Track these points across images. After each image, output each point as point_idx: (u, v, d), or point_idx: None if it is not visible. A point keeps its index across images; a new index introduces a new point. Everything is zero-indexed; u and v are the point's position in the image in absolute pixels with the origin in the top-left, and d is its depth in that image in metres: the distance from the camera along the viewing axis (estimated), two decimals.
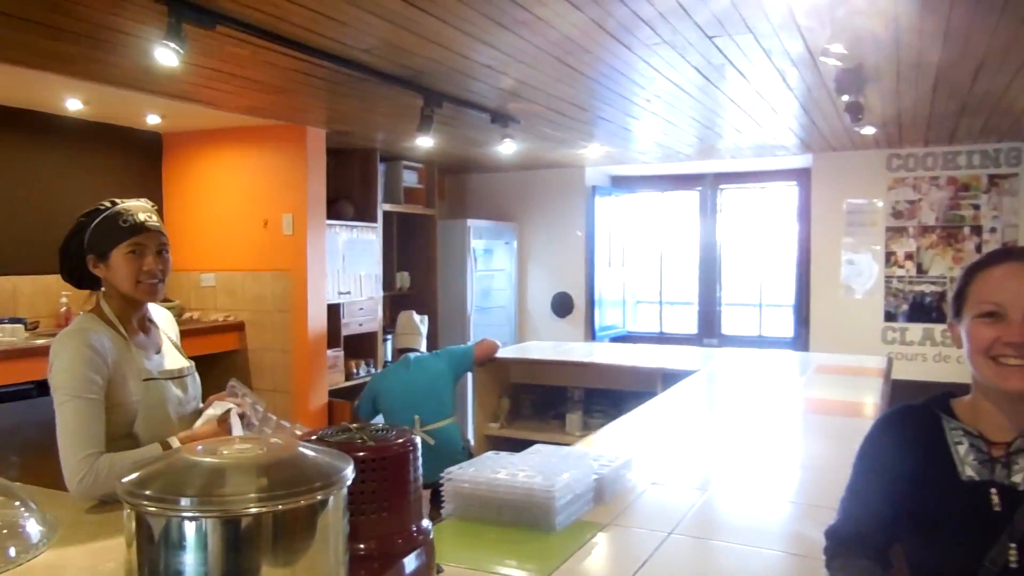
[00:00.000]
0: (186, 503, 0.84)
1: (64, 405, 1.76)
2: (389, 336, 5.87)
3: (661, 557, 1.57)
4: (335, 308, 5.36)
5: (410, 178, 6.40)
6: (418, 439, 1.24)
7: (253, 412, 1.93)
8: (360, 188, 5.88)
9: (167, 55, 2.68)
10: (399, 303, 6.18)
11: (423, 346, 4.73)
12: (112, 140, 4.93)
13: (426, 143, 4.50)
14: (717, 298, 7.40)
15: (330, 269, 5.28)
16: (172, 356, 2.04)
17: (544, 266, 7.39)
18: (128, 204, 1.90)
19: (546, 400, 5.03)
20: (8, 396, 3.75)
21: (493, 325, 6.98)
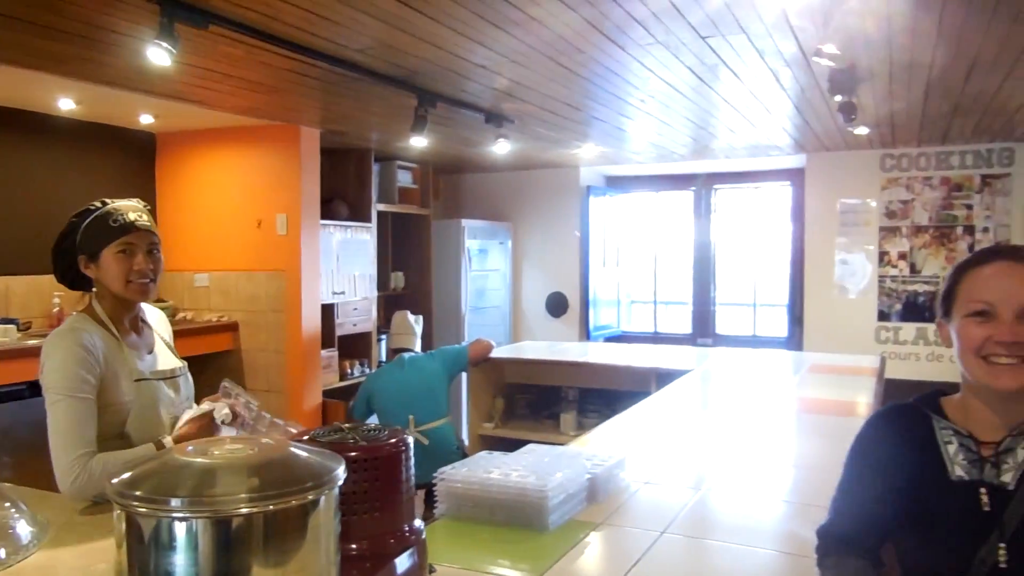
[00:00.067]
0: (176, 503, 0.84)
1: (56, 405, 1.75)
2: (383, 336, 5.87)
3: (654, 556, 1.57)
4: (329, 308, 5.36)
5: (404, 178, 6.40)
6: (410, 439, 1.23)
7: (247, 411, 1.92)
8: (354, 188, 5.88)
9: (160, 55, 2.67)
10: (393, 303, 6.17)
11: (418, 346, 4.72)
12: (105, 140, 4.92)
13: (420, 143, 4.49)
14: (711, 298, 7.41)
15: (324, 269, 5.27)
16: (165, 356, 2.03)
17: (539, 266, 7.39)
18: (118, 204, 1.89)
19: (540, 400, 5.03)
20: (0, 397, 3.74)
21: (488, 325, 6.98)
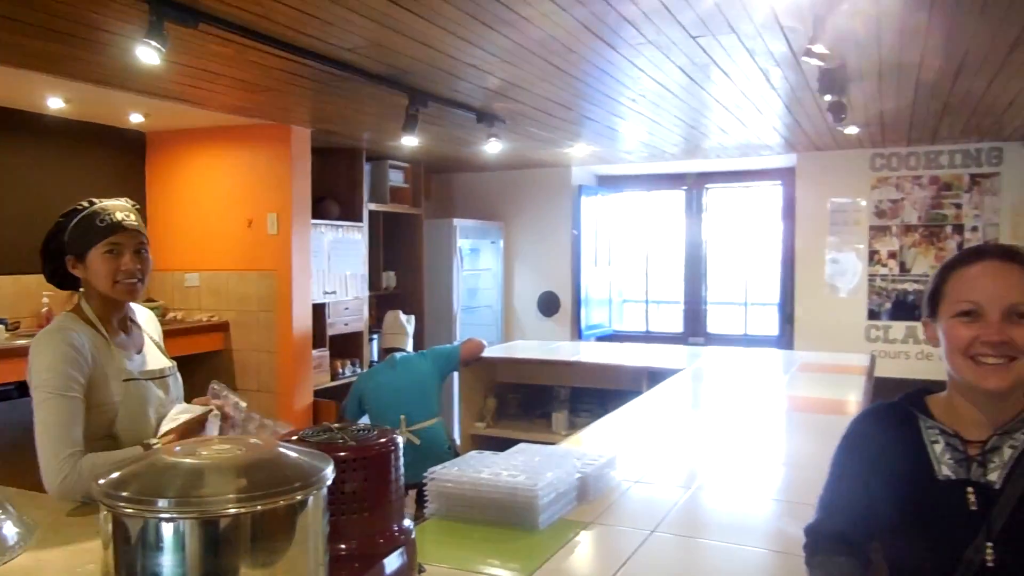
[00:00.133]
0: (164, 504, 0.84)
1: (44, 404, 1.73)
2: (375, 336, 5.85)
3: (643, 555, 1.57)
4: (320, 308, 5.35)
5: (396, 177, 6.39)
6: (400, 439, 1.23)
7: (236, 411, 1.92)
8: (346, 187, 5.86)
9: (149, 54, 2.66)
10: (385, 303, 6.16)
11: (409, 346, 4.71)
12: (95, 139, 4.89)
13: (411, 142, 4.48)
14: (703, 297, 7.43)
15: (315, 269, 5.26)
16: (154, 356, 2.02)
17: (530, 265, 7.39)
18: (106, 203, 1.88)
19: (532, 399, 5.03)
20: None
21: (479, 324, 6.97)
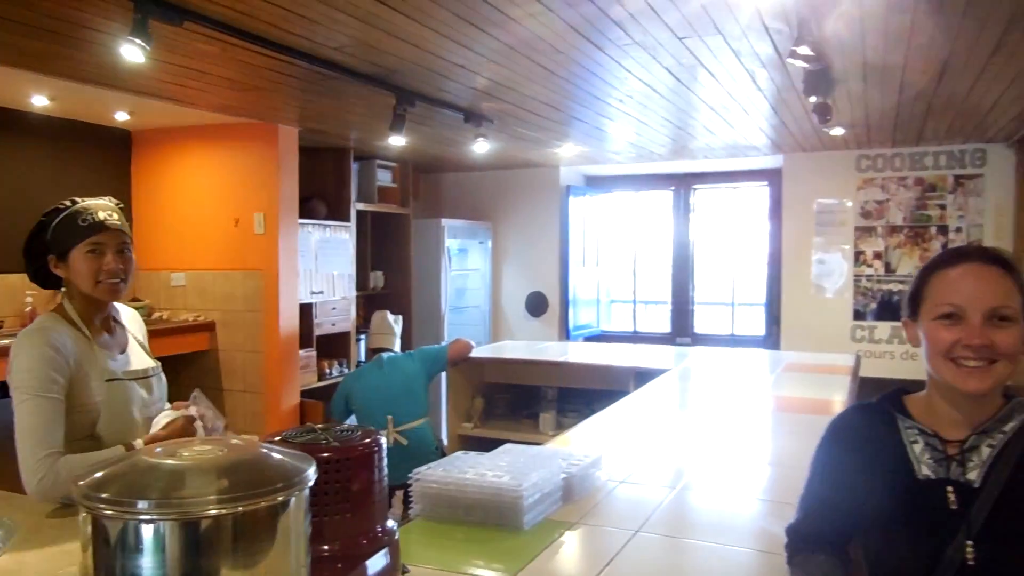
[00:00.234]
0: (144, 505, 0.83)
1: (23, 404, 1.73)
2: (362, 336, 5.84)
3: (628, 555, 1.58)
4: (308, 308, 5.33)
5: (384, 177, 6.37)
6: (383, 439, 1.23)
7: (214, 427, 1.91)
8: (333, 187, 5.85)
9: (133, 52, 2.65)
10: (373, 303, 6.15)
11: (397, 346, 4.71)
12: (80, 137, 4.85)
13: (399, 142, 4.48)
14: (690, 297, 7.46)
15: (302, 268, 5.24)
16: (138, 356, 2.01)
17: (518, 266, 7.39)
18: (88, 203, 1.87)
19: (520, 400, 5.03)
20: None
21: (467, 325, 6.97)
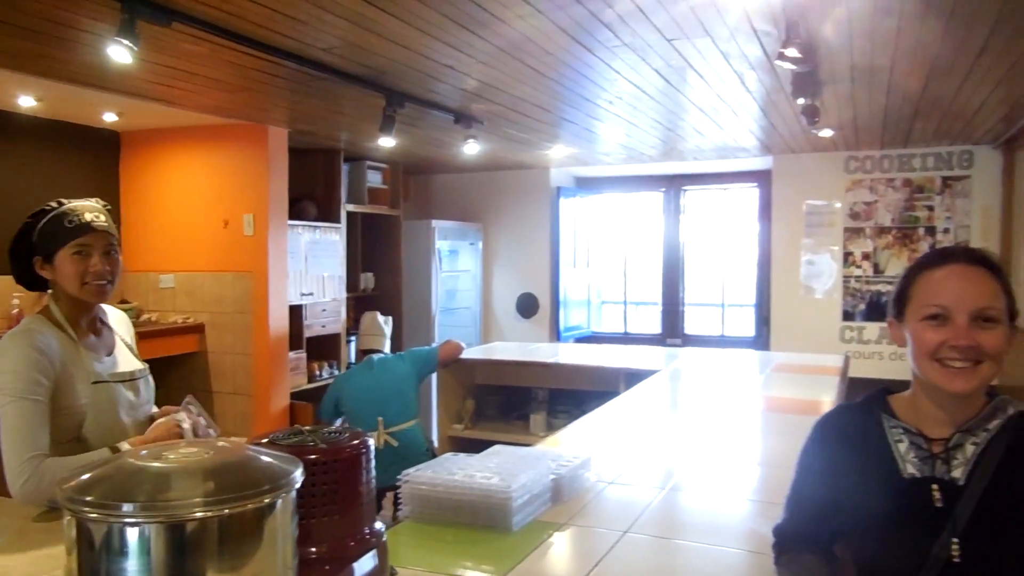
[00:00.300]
0: (128, 508, 0.83)
1: (7, 407, 1.72)
2: (353, 338, 5.83)
3: (616, 556, 1.58)
4: (297, 309, 5.31)
5: (374, 178, 6.36)
6: (371, 441, 1.23)
7: (205, 435, 1.90)
8: (323, 188, 5.83)
9: (121, 52, 2.63)
10: (363, 304, 6.14)
11: (387, 347, 4.69)
12: (67, 138, 4.82)
13: (389, 143, 4.47)
14: (680, 298, 7.48)
15: (292, 270, 5.23)
16: (125, 358, 2.00)
17: (509, 267, 7.39)
18: (75, 204, 1.86)
19: (510, 401, 5.03)
20: None
21: (458, 326, 6.96)
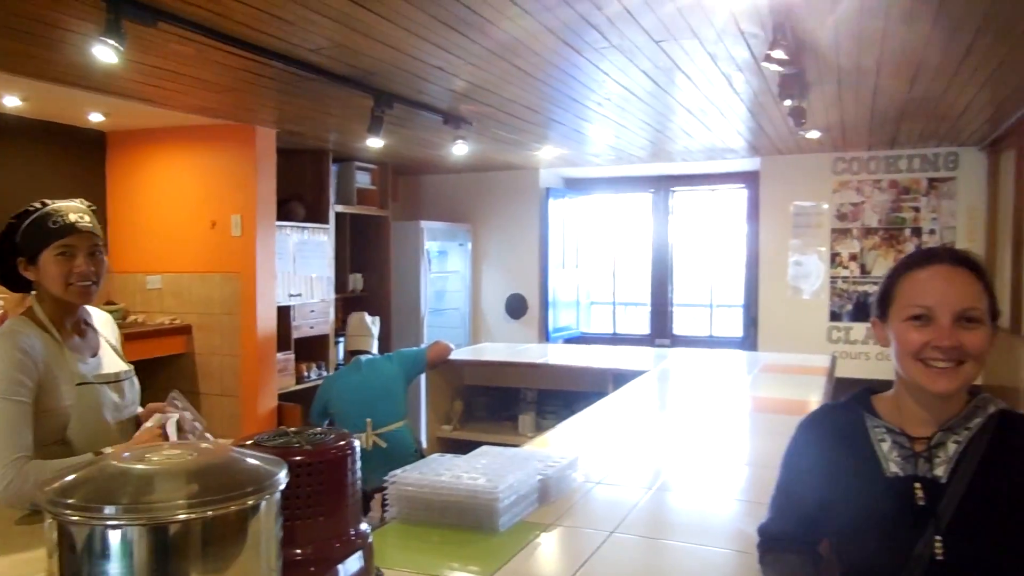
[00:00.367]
0: (110, 511, 0.82)
1: None
2: (341, 338, 5.81)
3: (603, 556, 1.58)
4: (285, 310, 5.29)
5: (363, 179, 6.35)
6: (357, 443, 1.23)
7: (191, 428, 1.89)
8: (312, 189, 5.82)
9: (106, 52, 2.62)
10: (352, 305, 6.12)
11: (375, 348, 4.68)
12: (53, 138, 4.79)
13: (377, 144, 4.46)
14: (669, 299, 7.50)
15: (280, 271, 5.21)
16: (110, 360, 1.99)
17: (498, 268, 7.39)
18: (59, 205, 1.85)
19: (499, 402, 5.03)
20: None
21: (447, 327, 6.96)
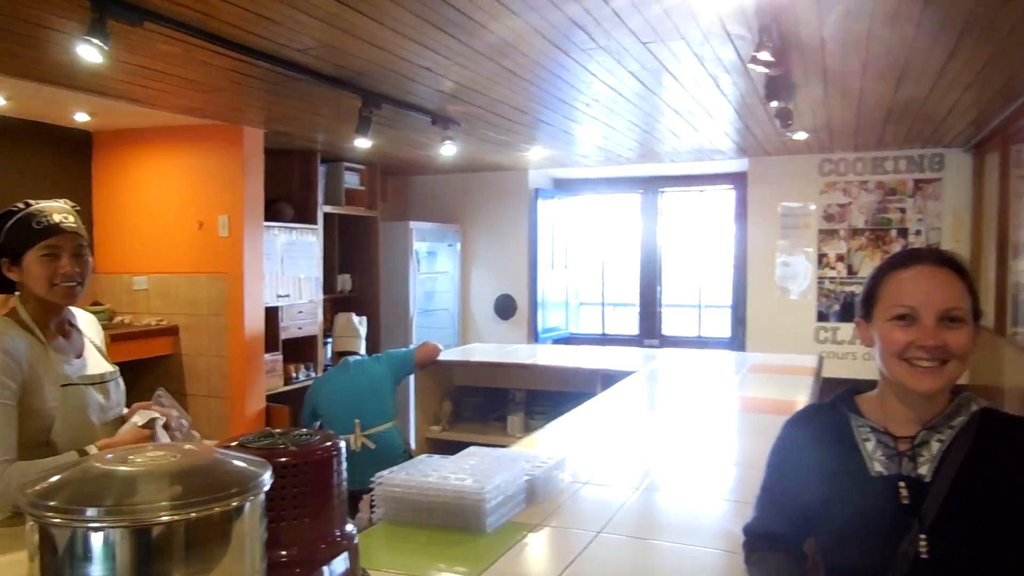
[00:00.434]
0: (92, 513, 0.82)
1: None
2: (330, 339, 5.79)
3: (589, 556, 1.59)
4: (273, 311, 5.27)
5: (352, 179, 6.33)
6: (342, 443, 1.23)
7: (178, 426, 1.89)
8: (300, 189, 5.80)
9: (91, 52, 2.60)
10: (341, 306, 6.10)
11: (362, 348, 4.67)
12: (38, 138, 4.75)
13: (365, 144, 4.45)
14: (658, 299, 7.52)
15: (268, 272, 5.19)
16: (95, 361, 1.98)
17: (487, 268, 7.39)
18: (43, 205, 1.84)
19: (488, 402, 5.03)
20: None
21: (436, 328, 6.95)
